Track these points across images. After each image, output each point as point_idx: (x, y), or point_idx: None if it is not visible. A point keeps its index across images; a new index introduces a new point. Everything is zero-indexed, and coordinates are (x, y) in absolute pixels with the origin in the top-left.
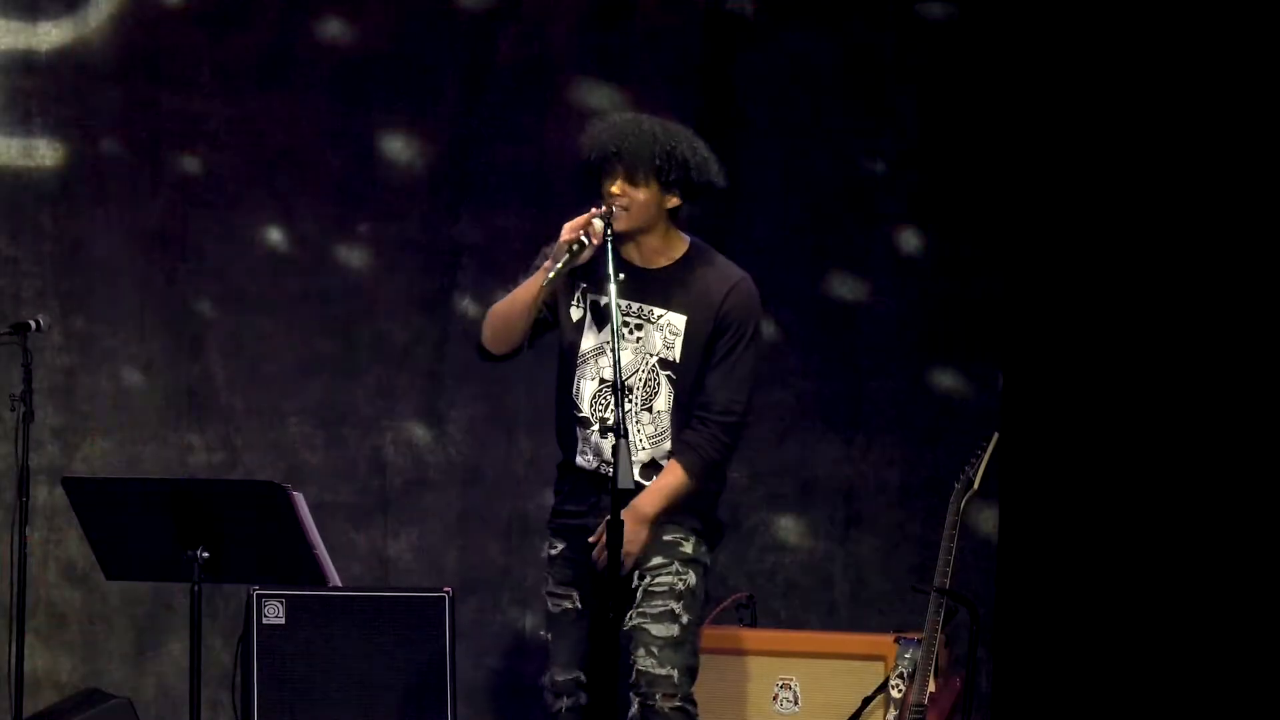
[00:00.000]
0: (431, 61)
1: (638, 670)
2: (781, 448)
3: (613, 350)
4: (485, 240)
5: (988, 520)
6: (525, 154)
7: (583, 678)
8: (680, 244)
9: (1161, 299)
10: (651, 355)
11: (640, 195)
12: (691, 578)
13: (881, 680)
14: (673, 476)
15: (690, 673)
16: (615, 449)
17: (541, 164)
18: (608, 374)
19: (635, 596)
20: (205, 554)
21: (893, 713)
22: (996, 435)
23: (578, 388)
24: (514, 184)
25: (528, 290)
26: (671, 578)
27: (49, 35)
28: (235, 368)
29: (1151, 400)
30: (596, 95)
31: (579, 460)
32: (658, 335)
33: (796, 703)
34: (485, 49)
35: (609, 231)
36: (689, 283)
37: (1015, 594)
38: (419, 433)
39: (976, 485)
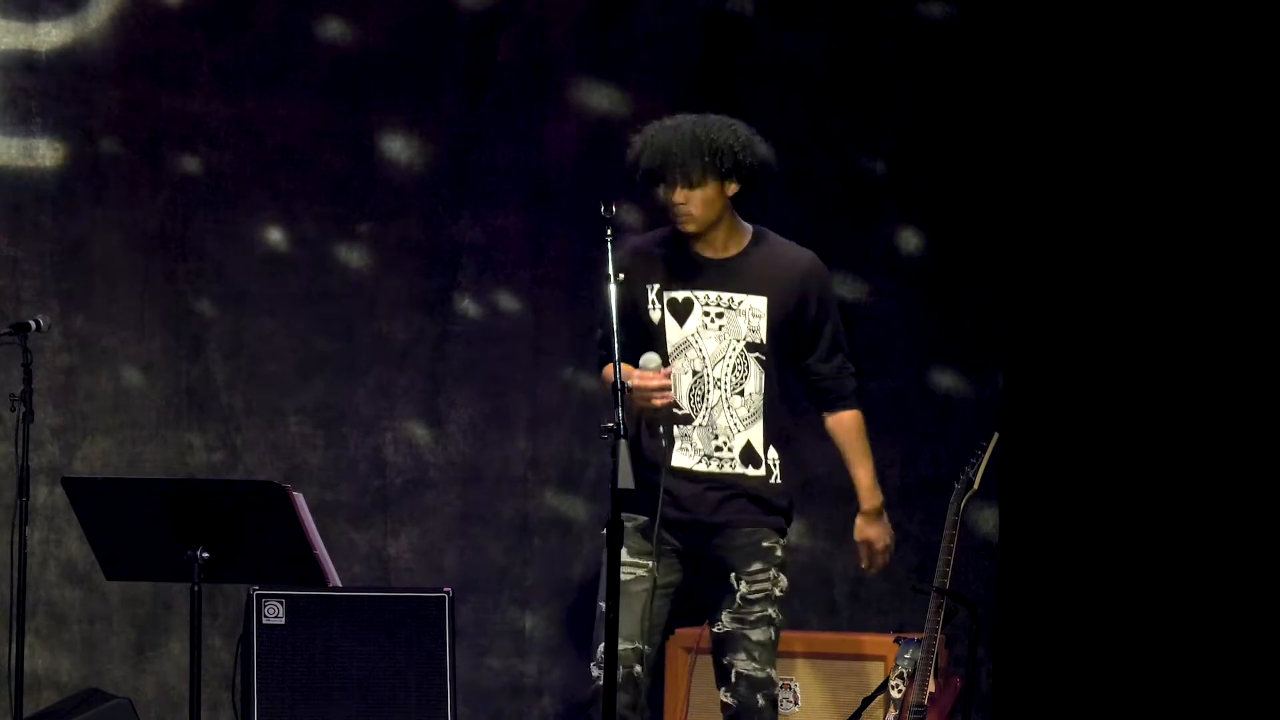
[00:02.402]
0: (431, 61)
1: (738, 672)
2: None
3: (614, 350)
4: (485, 240)
5: (988, 520)
6: (525, 154)
7: (642, 647)
8: (744, 232)
9: (1161, 299)
10: (738, 340)
11: (700, 195)
12: (784, 580)
13: (881, 680)
14: (855, 437)
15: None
16: (615, 449)
17: (541, 164)
18: (698, 365)
19: (733, 599)
20: (205, 554)
21: (893, 713)
22: (996, 435)
23: (675, 385)
24: (514, 184)
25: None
26: (768, 584)
27: (49, 35)
28: (235, 368)
29: (1151, 400)
30: (596, 95)
31: (676, 460)
32: (741, 320)
33: (796, 703)
34: (485, 49)
35: (610, 231)
36: (763, 266)
37: (1015, 594)
38: (419, 433)
39: (976, 485)
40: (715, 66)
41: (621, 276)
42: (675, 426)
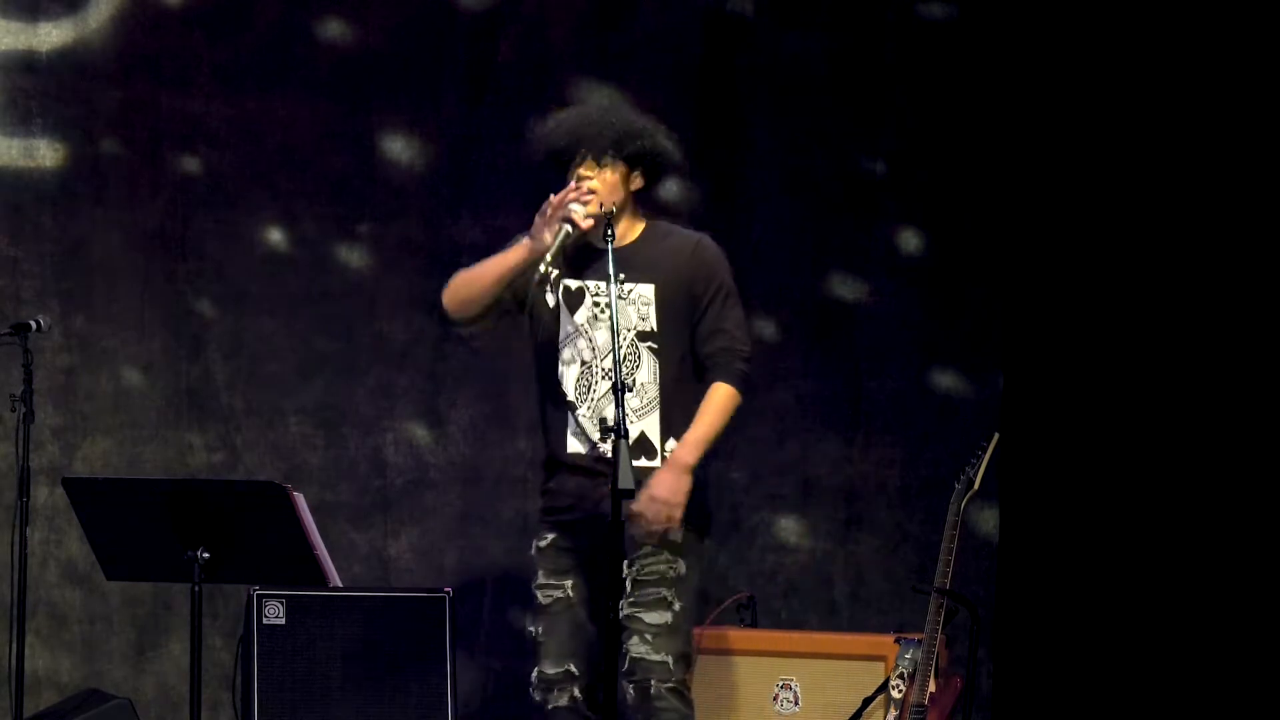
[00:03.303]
0: (431, 61)
1: (631, 657)
2: (781, 448)
3: (613, 351)
4: (485, 240)
5: (988, 520)
6: (525, 154)
7: (574, 670)
8: (640, 224)
9: (1161, 299)
10: (628, 330)
11: (607, 175)
12: (682, 566)
13: (882, 680)
14: (713, 410)
15: (685, 660)
16: (615, 449)
17: (541, 164)
18: (587, 355)
19: (625, 586)
20: (205, 554)
21: (893, 713)
22: (996, 435)
23: (560, 374)
24: (514, 184)
25: (500, 265)
26: (663, 566)
27: (49, 35)
28: (235, 368)
29: (1151, 400)
30: (596, 95)
31: (570, 447)
32: (631, 309)
33: (796, 703)
34: (485, 49)
35: (609, 231)
36: (651, 254)
37: (1015, 594)
38: (419, 433)
39: (977, 485)
40: (715, 66)
41: (622, 276)
42: (570, 415)
